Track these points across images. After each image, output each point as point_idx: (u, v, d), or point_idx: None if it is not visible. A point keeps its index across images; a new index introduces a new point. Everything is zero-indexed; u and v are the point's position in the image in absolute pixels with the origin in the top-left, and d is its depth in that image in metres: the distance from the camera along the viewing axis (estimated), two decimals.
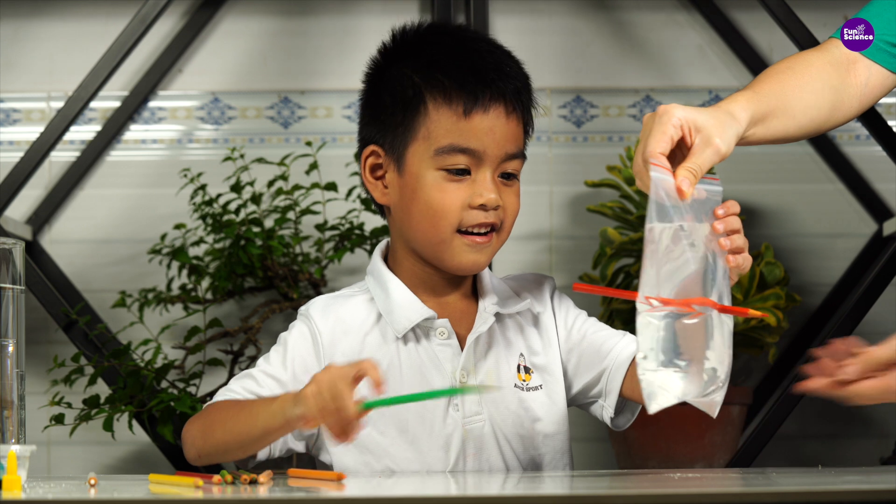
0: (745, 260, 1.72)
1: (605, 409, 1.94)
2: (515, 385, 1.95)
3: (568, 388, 1.98)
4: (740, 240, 1.71)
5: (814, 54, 1.92)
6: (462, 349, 1.93)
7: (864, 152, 2.74)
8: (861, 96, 1.93)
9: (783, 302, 2.44)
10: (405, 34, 1.99)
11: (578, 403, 2.00)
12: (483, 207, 1.89)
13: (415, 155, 1.91)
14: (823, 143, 2.74)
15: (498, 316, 1.96)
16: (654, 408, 1.64)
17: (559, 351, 1.98)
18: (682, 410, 1.95)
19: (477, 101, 1.90)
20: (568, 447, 1.99)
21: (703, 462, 2.42)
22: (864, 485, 1.47)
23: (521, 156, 1.94)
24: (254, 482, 1.65)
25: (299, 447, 1.93)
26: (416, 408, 1.91)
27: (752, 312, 1.75)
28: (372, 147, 1.96)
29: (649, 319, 1.63)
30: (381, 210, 2.00)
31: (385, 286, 1.95)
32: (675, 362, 1.65)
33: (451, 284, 1.97)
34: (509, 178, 1.93)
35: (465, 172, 1.90)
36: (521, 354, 1.97)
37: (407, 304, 1.93)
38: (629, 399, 1.93)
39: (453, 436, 1.91)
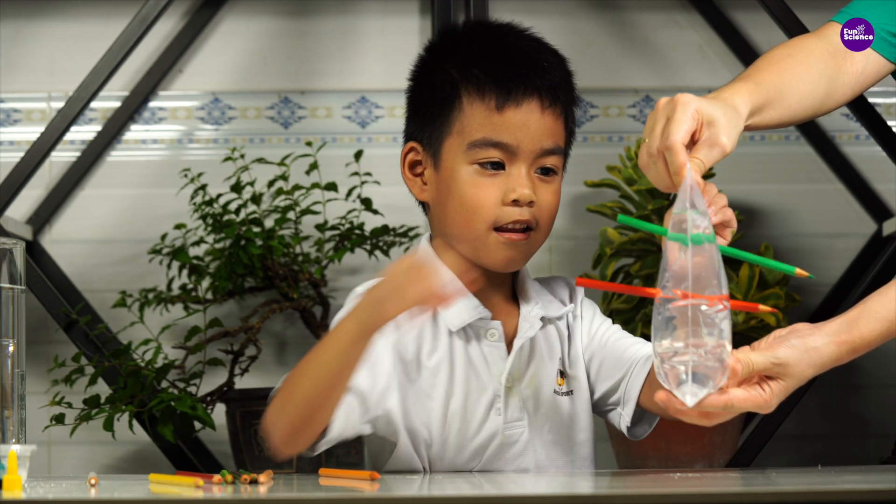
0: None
1: (623, 418, 1.93)
2: (555, 391, 1.94)
3: (591, 393, 1.98)
4: (730, 213, 1.73)
5: (812, 41, 1.91)
6: (508, 352, 1.92)
7: (864, 152, 2.74)
8: (854, 84, 1.92)
9: (783, 302, 2.44)
10: (449, 32, 2.01)
11: (598, 411, 1.99)
12: (517, 203, 1.88)
13: (450, 150, 1.91)
14: (823, 143, 2.74)
15: (541, 320, 1.95)
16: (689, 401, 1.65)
17: (583, 357, 1.98)
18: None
19: (510, 96, 1.89)
20: (593, 454, 1.98)
21: (703, 462, 2.42)
22: (864, 485, 1.47)
23: (558, 151, 1.92)
24: (254, 482, 1.65)
25: (367, 429, 1.86)
26: (460, 407, 1.90)
27: (763, 308, 1.75)
28: (411, 144, 1.96)
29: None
30: (423, 207, 2.00)
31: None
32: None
33: (492, 283, 1.95)
34: (547, 173, 1.92)
35: (498, 166, 1.89)
36: (560, 359, 1.96)
37: (463, 300, 1.91)
38: (646, 409, 1.92)
39: (491, 439, 1.90)
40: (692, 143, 1.71)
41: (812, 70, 1.87)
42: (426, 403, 1.89)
